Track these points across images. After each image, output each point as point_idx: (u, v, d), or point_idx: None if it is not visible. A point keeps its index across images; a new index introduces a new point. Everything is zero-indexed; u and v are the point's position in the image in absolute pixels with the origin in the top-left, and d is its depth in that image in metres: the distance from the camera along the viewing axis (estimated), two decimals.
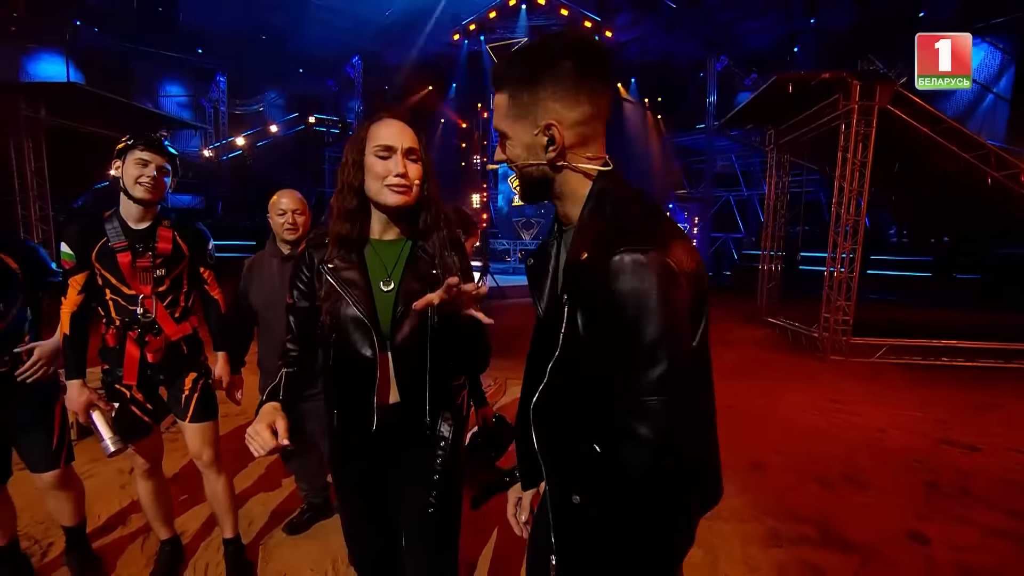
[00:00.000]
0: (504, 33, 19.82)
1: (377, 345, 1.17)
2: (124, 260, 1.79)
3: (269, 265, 2.20)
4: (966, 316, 8.32)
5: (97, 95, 7.51)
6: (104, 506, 2.63)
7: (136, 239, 1.82)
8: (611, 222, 0.82)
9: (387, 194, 1.17)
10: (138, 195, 1.78)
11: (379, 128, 1.17)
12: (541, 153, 0.87)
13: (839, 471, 3.22)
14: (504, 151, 0.92)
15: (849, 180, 6.14)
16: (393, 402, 1.22)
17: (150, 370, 1.89)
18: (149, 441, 1.99)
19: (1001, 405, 4.62)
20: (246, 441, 1.06)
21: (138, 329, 1.84)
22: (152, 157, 1.78)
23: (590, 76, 0.84)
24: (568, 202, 0.91)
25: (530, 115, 0.86)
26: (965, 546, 2.42)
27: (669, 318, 0.74)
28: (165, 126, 9.62)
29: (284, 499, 2.77)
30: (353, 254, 1.21)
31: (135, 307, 1.83)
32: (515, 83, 0.87)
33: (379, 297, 1.20)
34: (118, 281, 1.81)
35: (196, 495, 2.74)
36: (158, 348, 1.88)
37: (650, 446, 0.74)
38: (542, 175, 0.89)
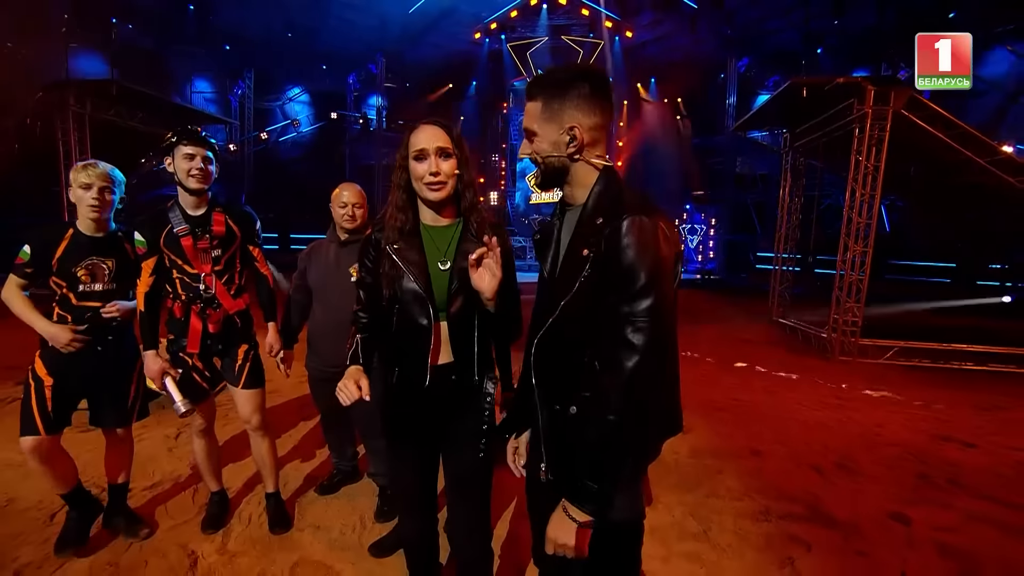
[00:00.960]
0: (525, 32, 19.99)
1: (432, 315, 1.39)
2: (187, 243, 2.08)
3: (327, 250, 2.48)
4: (985, 321, 8.30)
5: (136, 91, 7.95)
6: (156, 466, 2.95)
7: (195, 224, 2.10)
8: (617, 199, 1.12)
9: (426, 191, 1.39)
10: (192, 186, 2.05)
11: (415, 135, 1.39)
12: (563, 148, 1.16)
13: (834, 460, 3.38)
14: (531, 146, 1.20)
15: (862, 184, 6.22)
16: (443, 363, 1.45)
17: (210, 340, 2.17)
18: (206, 404, 2.27)
19: (1004, 407, 4.70)
20: (336, 393, 1.35)
21: (200, 303, 2.12)
22: (196, 149, 2.03)
23: (601, 95, 1.15)
24: (577, 187, 1.20)
25: (557, 119, 1.15)
26: (945, 527, 2.58)
27: (660, 264, 1.04)
28: (196, 121, 10.06)
29: (317, 466, 3.05)
30: (414, 238, 1.44)
31: (198, 284, 2.11)
32: (548, 93, 1.16)
33: (435, 274, 1.42)
34: (183, 262, 2.10)
35: (238, 459, 3.04)
36: (217, 320, 2.16)
37: (639, 352, 1.02)
38: (561, 165, 1.18)
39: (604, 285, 1.07)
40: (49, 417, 2.00)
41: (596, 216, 1.11)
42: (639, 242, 1.03)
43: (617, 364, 1.03)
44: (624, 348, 1.03)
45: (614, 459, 1.05)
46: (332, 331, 2.38)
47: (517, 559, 2.23)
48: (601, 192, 1.15)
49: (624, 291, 1.04)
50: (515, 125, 19.59)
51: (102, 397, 2.18)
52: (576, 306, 1.12)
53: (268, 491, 2.43)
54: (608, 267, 1.06)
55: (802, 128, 7.69)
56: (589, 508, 1.06)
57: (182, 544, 2.24)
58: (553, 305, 1.16)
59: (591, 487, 1.05)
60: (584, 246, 1.10)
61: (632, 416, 1.04)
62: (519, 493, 2.43)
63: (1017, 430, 4.09)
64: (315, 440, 3.40)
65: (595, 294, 1.09)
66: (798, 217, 8.51)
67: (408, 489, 1.57)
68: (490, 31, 20.77)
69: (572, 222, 1.21)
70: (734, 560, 2.28)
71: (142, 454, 2.99)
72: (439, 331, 1.43)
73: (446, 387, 1.46)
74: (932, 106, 5.98)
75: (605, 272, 1.07)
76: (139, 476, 2.72)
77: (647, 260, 1.02)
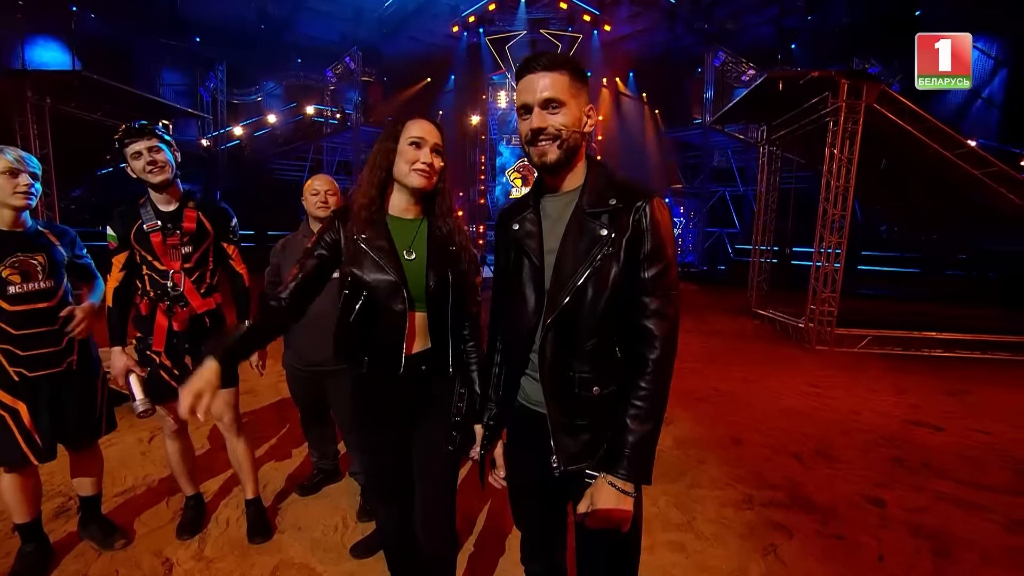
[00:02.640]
0: (503, 26, 19.86)
1: (407, 303, 1.40)
2: (156, 239, 2.01)
3: (301, 244, 2.39)
4: (951, 310, 8.59)
5: (101, 83, 7.64)
6: (128, 471, 2.84)
7: (166, 220, 2.04)
8: (626, 182, 1.19)
9: (413, 176, 1.41)
10: (153, 180, 1.99)
11: (414, 124, 1.43)
12: (583, 126, 1.19)
13: (812, 447, 3.45)
14: (554, 118, 1.15)
15: (836, 176, 6.36)
16: (418, 351, 1.45)
17: (176, 338, 2.10)
18: (176, 404, 2.18)
19: (970, 391, 4.87)
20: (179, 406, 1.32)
21: (167, 301, 2.06)
22: (141, 144, 1.95)
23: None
24: (574, 169, 1.22)
25: (581, 96, 1.18)
26: (916, 508, 2.66)
27: (674, 238, 1.17)
28: (164, 114, 9.73)
29: (297, 466, 2.99)
30: (380, 227, 1.44)
31: (166, 281, 2.04)
32: (574, 69, 1.17)
33: (405, 264, 1.43)
34: (152, 258, 2.03)
35: (214, 464, 2.95)
36: (183, 319, 2.09)
37: (672, 322, 1.13)
38: (577, 143, 1.19)
39: (628, 263, 1.13)
40: (37, 445, 1.91)
41: (607, 197, 1.15)
42: (665, 221, 1.15)
43: (654, 335, 1.11)
44: (660, 319, 1.12)
45: (657, 427, 1.12)
46: (310, 326, 2.31)
47: (491, 557, 2.21)
48: (602, 175, 1.21)
49: (653, 267, 1.13)
50: (494, 119, 19.48)
51: (70, 412, 2.04)
52: (591, 286, 1.13)
53: (247, 497, 2.35)
54: (636, 245, 1.13)
55: (778, 121, 7.81)
56: (643, 479, 1.11)
57: (156, 551, 2.16)
58: (561, 288, 1.15)
59: (643, 458, 1.10)
60: (600, 226, 1.14)
61: (667, 385, 1.13)
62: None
63: (982, 413, 4.25)
64: (294, 439, 3.34)
65: (613, 272, 1.13)
66: (775, 209, 8.66)
67: (383, 477, 1.56)
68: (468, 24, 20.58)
69: (561, 207, 1.22)
70: (718, 548, 2.30)
71: (113, 459, 2.90)
72: (413, 319, 1.43)
73: (419, 375, 1.46)
74: (902, 100, 6.13)
75: (631, 251, 1.13)
76: (110, 482, 2.62)
77: (670, 237, 1.15)
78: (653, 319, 1.11)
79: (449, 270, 1.45)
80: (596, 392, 1.15)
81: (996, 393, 4.84)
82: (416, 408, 1.51)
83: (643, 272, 1.13)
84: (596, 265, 1.13)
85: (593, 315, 1.14)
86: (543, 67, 1.15)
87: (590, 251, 1.13)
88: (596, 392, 1.15)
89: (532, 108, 1.16)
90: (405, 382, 1.45)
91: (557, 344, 1.17)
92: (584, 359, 1.15)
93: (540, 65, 1.15)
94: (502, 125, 19.35)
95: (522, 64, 1.18)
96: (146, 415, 1.98)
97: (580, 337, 1.15)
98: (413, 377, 1.46)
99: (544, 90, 1.14)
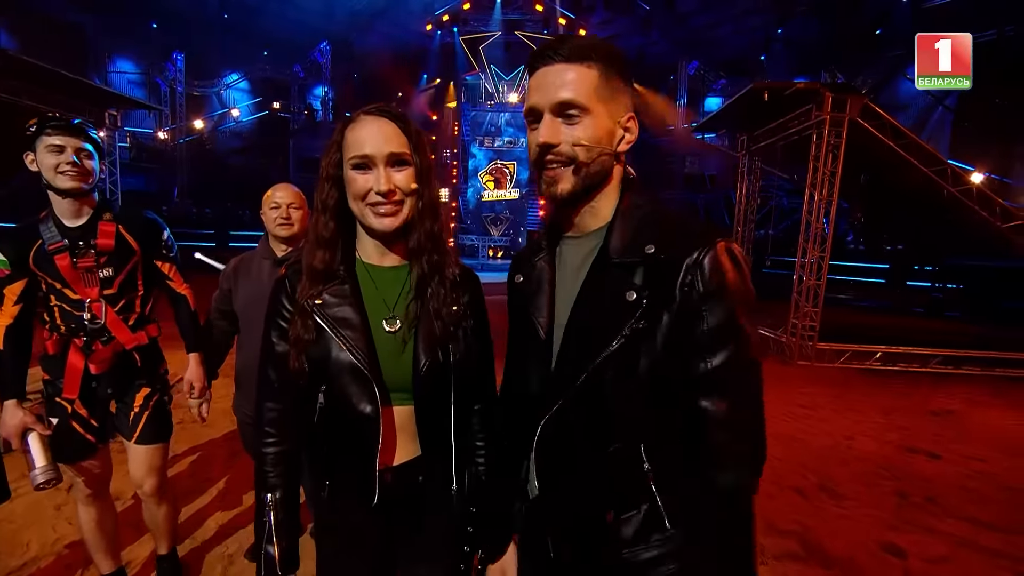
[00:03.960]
0: (478, 26, 19.58)
1: (380, 399, 0.95)
2: (63, 262, 1.60)
3: (259, 267, 1.98)
4: (919, 323, 8.75)
5: (32, 66, 6.90)
6: (34, 533, 2.34)
7: (75, 236, 1.62)
8: (667, 218, 0.83)
9: (370, 217, 0.95)
10: (62, 185, 1.58)
11: (354, 132, 0.94)
12: (615, 144, 0.84)
13: (814, 481, 3.25)
14: (572, 131, 0.80)
15: (819, 188, 6.29)
16: (403, 462, 1.01)
17: (95, 382, 1.70)
18: (93, 462, 1.77)
19: (954, 411, 4.83)
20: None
21: (84, 337, 1.66)
22: (66, 140, 1.57)
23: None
24: (603, 201, 0.87)
25: (616, 101, 0.82)
26: (937, 557, 2.47)
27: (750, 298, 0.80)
28: (114, 104, 8.97)
29: (244, 520, 2.55)
30: (345, 284, 0.98)
31: (82, 312, 1.64)
32: (608, 63, 0.81)
33: (380, 339, 0.98)
34: (61, 286, 1.62)
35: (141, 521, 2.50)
36: (103, 359, 1.69)
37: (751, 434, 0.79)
38: (609, 167, 0.85)
39: (672, 343, 0.77)
40: None
41: (642, 242, 0.80)
42: (734, 279, 0.77)
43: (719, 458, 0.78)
44: (728, 431, 0.78)
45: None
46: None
47: None
48: (638, 208, 0.85)
49: (718, 353, 0.77)
50: (467, 120, 19.13)
51: None
52: (611, 371, 0.79)
53: (160, 553, 2.00)
54: (688, 321, 0.77)
55: (759, 131, 7.76)
56: None
57: None
58: (566, 378, 0.82)
59: None
60: (629, 287, 0.79)
61: (745, 541, 0.79)
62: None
63: (972, 437, 4.18)
64: (246, 488, 2.89)
65: (646, 354, 0.78)
66: (754, 218, 8.62)
67: None
68: (442, 23, 20.19)
69: (583, 254, 0.87)
70: None
71: (16, 516, 2.41)
72: (390, 420, 0.99)
73: (408, 493, 1.03)
74: (884, 115, 6.12)
75: (680, 328, 0.77)
76: (7, 551, 2.15)
77: (744, 299, 0.78)
78: (719, 431, 0.77)
79: (450, 344, 0.99)
80: (610, 519, 0.82)
81: (979, 413, 4.83)
82: (406, 532, 1.06)
83: (701, 362, 0.76)
84: (619, 348, 0.78)
85: (610, 417, 0.81)
86: (564, 57, 0.79)
87: (616, 325, 0.79)
88: (610, 519, 0.82)
89: (542, 114, 0.81)
90: (386, 505, 1.00)
91: (556, 451, 0.86)
92: (592, 474, 0.84)
93: (561, 54, 0.79)
94: (475, 127, 19.02)
95: (537, 51, 0.82)
96: (47, 486, 1.56)
97: (589, 443, 0.83)
98: (398, 496, 1.02)
99: (561, 89, 0.79)
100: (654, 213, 0.84)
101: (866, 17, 15.89)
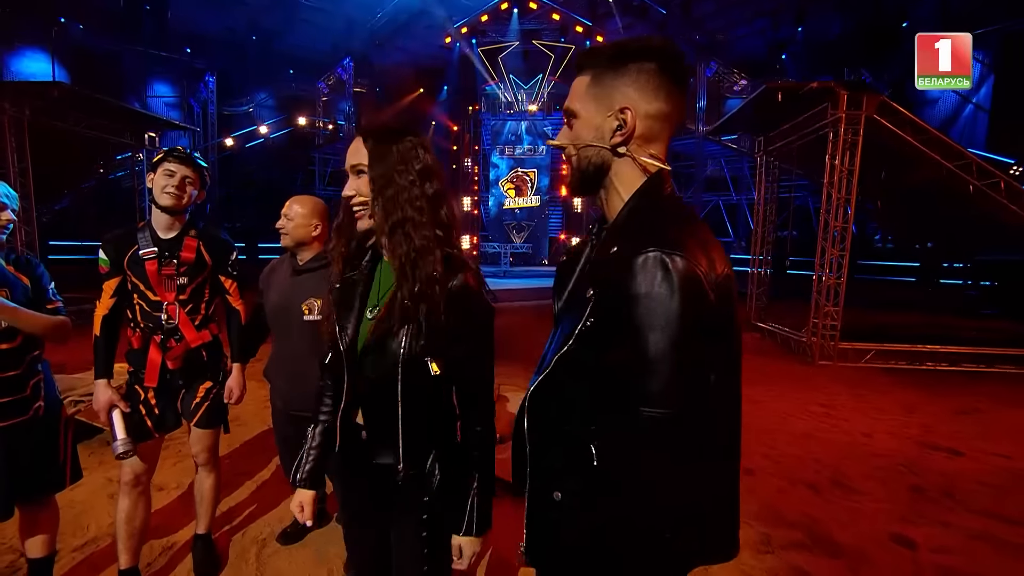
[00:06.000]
0: (496, 36, 19.87)
1: (347, 375, 1.13)
2: (151, 267, 1.90)
3: (283, 273, 2.20)
4: (950, 320, 8.51)
5: (83, 95, 7.42)
6: (92, 518, 2.57)
7: (164, 247, 1.92)
8: (647, 219, 0.84)
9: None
10: (163, 203, 1.90)
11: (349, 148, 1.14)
12: (606, 137, 0.88)
13: (828, 476, 3.27)
14: (569, 133, 0.93)
15: (837, 187, 6.25)
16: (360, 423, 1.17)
17: (169, 375, 1.97)
18: (144, 447, 1.98)
19: (981, 410, 4.72)
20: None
21: (161, 335, 1.93)
22: (178, 168, 1.90)
23: (671, 78, 0.87)
24: (614, 195, 0.91)
25: (607, 97, 0.87)
26: (948, 549, 2.48)
27: (682, 331, 0.74)
28: (152, 127, 9.51)
29: (280, 509, 2.75)
30: (357, 273, 1.18)
31: (159, 313, 1.92)
32: (601, 65, 0.88)
33: (364, 324, 1.15)
34: (145, 287, 1.91)
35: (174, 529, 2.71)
36: (177, 355, 1.96)
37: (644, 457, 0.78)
38: (600, 161, 0.89)
39: (608, 342, 0.80)
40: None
41: (614, 242, 0.83)
42: (652, 294, 0.74)
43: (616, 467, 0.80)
44: (628, 446, 0.79)
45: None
46: (286, 369, 2.15)
47: None
48: (634, 208, 0.87)
49: (633, 360, 0.76)
50: (487, 129, 19.41)
51: (32, 464, 1.78)
52: (572, 362, 0.85)
53: (199, 532, 2.20)
54: (613, 320, 0.78)
55: (775, 132, 7.73)
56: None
57: None
58: (552, 355, 0.92)
59: None
60: (590, 283, 0.84)
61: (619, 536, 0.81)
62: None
63: (997, 434, 4.09)
64: (280, 477, 3.10)
65: (597, 351, 0.82)
66: (774, 219, 8.56)
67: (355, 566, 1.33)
68: (460, 35, 20.56)
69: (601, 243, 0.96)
70: None
71: (76, 503, 2.65)
72: (351, 394, 1.16)
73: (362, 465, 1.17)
74: (903, 111, 6.05)
75: (610, 326, 0.79)
76: (70, 533, 2.38)
77: (662, 319, 0.74)
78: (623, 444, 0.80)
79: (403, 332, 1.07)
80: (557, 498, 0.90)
81: (1007, 411, 4.70)
82: (380, 506, 1.19)
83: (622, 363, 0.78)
84: (574, 340, 0.83)
85: (573, 400, 0.87)
86: (576, 69, 0.93)
87: (576, 318, 0.84)
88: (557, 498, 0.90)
89: None
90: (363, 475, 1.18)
91: (537, 419, 0.93)
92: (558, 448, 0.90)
93: (576, 67, 0.93)
94: (494, 136, 19.28)
95: None
96: (126, 456, 1.86)
97: (557, 420, 0.90)
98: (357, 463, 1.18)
99: (567, 99, 0.93)
100: (640, 213, 0.86)
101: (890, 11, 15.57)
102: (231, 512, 2.70)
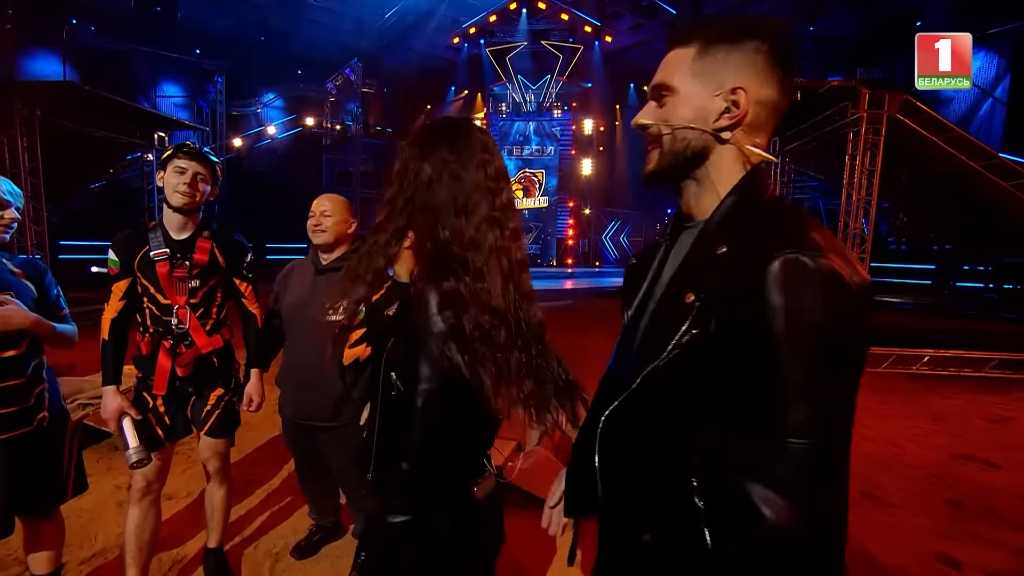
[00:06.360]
0: (504, 37, 19.83)
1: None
2: (162, 270, 1.81)
3: (304, 273, 2.12)
4: (973, 325, 8.31)
5: (93, 94, 7.41)
6: (100, 527, 2.49)
7: (176, 249, 1.84)
8: (765, 217, 0.73)
9: None
10: (175, 202, 1.81)
11: None
12: (710, 119, 0.77)
13: (859, 488, 3.14)
14: (659, 111, 0.80)
15: (857, 188, 6.11)
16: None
17: (179, 382, 1.88)
18: (156, 459, 1.89)
19: (1013, 418, 4.57)
20: None
21: (171, 340, 1.84)
22: (189, 164, 1.81)
23: (784, 64, 0.77)
24: (708, 187, 0.80)
25: (717, 75, 0.76)
26: (997, 570, 2.35)
27: (835, 349, 0.63)
28: (162, 127, 9.49)
29: (292, 523, 2.65)
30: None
31: (169, 317, 1.83)
32: (712, 37, 0.77)
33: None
34: (155, 290, 1.83)
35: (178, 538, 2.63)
36: (187, 361, 1.87)
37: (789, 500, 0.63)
38: (701, 146, 0.78)
39: (721, 361, 0.67)
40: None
41: (720, 241, 0.71)
42: (803, 303, 0.62)
43: (742, 509, 0.64)
44: (761, 488, 0.63)
45: None
46: (300, 378, 2.04)
47: None
48: (738, 203, 0.75)
49: (766, 385, 0.64)
50: (495, 130, 19.35)
51: (34, 477, 1.70)
52: (665, 379, 0.71)
53: (210, 545, 2.10)
54: (727, 329, 0.66)
55: (792, 132, 7.59)
56: None
57: None
58: (632, 371, 0.77)
59: None
60: (689, 288, 0.70)
61: None
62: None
63: None
64: (292, 486, 3.00)
65: (702, 370, 0.69)
66: None
67: None
68: (469, 36, 20.53)
69: (686, 247, 0.81)
70: None
71: (84, 511, 2.57)
72: None
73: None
74: (927, 110, 5.91)
75: (726, 340, 0.66)
76: (77, 544, 2.29)
77: (817, 335, 0.62)
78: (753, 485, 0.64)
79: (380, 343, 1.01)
80: (647, 540, 0.76)
81: None
82: None
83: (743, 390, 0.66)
84: (669, 356, 0.69)
85: (665, 424, 0.74)
86: (670, 43, 0.81)
87: (671, 329, 0.70)
88: (647, 540, 0.76)
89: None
90: None
91: (614, 449, 0.79)
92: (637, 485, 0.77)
93: (670, 41, 0.81)
94: (503, 136, 19.22)
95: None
96: (140, 465, 1.76)
97: (645, 450, 0.77)
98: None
99: (657, 73, 0.80)
100: (750, 209, 0.75)
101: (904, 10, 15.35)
102: (242, 522, 2.61)
